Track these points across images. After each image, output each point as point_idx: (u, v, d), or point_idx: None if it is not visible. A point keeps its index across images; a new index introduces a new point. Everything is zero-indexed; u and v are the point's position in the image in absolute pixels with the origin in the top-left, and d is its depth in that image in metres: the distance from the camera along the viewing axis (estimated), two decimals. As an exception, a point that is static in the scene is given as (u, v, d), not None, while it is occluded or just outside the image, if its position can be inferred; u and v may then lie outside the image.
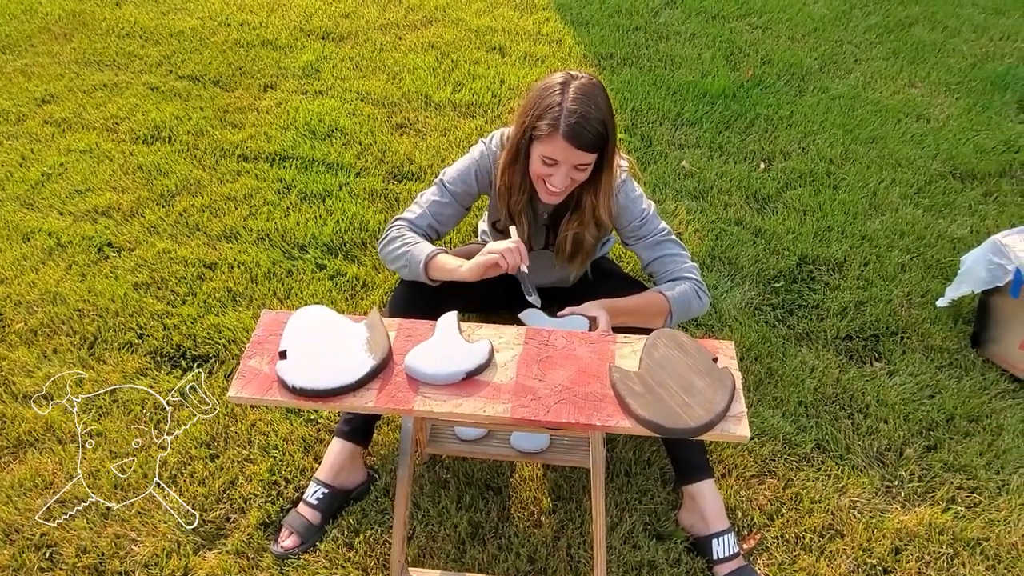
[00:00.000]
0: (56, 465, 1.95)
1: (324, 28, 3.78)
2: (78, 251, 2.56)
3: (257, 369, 1.41)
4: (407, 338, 1.49)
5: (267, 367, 1.41)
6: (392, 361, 1.43)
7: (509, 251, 1.64)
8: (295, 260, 2.52)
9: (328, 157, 2.95)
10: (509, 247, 1.64)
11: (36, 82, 3.41)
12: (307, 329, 1.45)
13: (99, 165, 2.94)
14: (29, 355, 2.22)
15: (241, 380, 1.39)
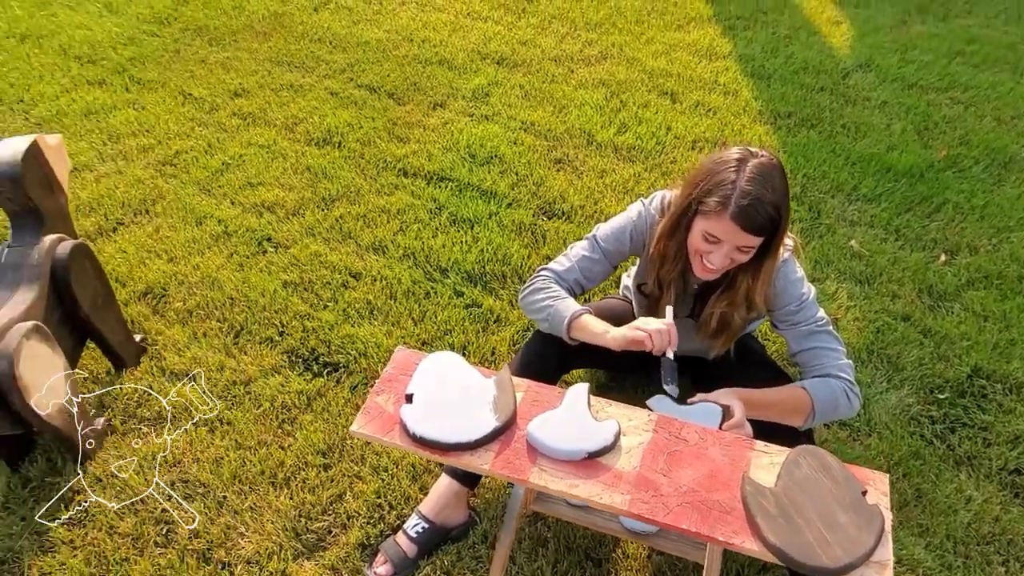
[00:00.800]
0: (186, 446, 2.06)
1: (500, 53, 3.85)
2: (241, 242, 2.72)
3: (382, 408, 1.41)
4: (534, 402, 1.44)
5: (392, 407, 1.41)
6: (515, 424, 1.39)
7: (659, 333, 1.55)
8: (435, 283, 2.55)
9: (483, 183, 2.98)
10: (660, 329, 1.56)
11: (233, 75, 3.68)
12: (437, 376, 1.44)
13: (273, 161, 3.12)
14: (182, 333, 2.37)
15: (366, 416, 1.40)
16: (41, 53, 3.84)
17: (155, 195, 2.95)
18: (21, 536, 1.87)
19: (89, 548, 1.85)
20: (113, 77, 3.66)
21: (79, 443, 1.97)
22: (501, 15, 4.22)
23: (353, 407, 2.16)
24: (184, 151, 3.17)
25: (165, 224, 2.81)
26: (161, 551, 1.85)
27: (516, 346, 2.35)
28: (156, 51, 3.86)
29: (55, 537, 1.86)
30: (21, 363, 1.75)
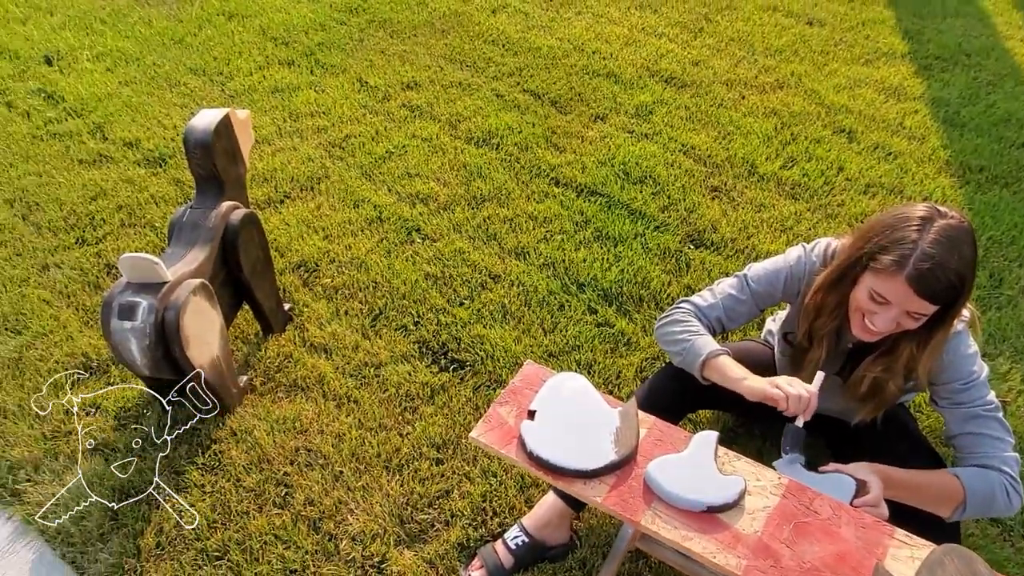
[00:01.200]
0: (314, 416, 2.16)
1: (670, 71, 3.76)
2: (392, 229, 2.83)
3: (503, 419, 1.40)
4: (657, 441, 1.38)
5: (513, 420, 1.40)
6: (634, 461, 1.34)
7: (799, 399, 1.45)
8: (571, 296, 2.53)
9: (633, 202, 2.92)
10: (799, 395, 1.45)
11: (407, 68, 3.84)
12: (562, 397, 1.41)
13: (432, 155, 3.22)
14: (326, 309, 2.49)
15: (486, 424, 1.40)
16: (243, 31, 4.18)
17: (321, 174, 3.13)
18: (162, 471, 2.03)
19: (216, 496, 1.98)
20: (301, 59, 3.92)
21: (226, 398, 2.12)
22: (677, 32, 4.14)
23: (472, 407, 2.18)
24: (353, 135, 3.34)
25: (326, 203, 2.97)
26: (278, 511, 1.95)
27: (643, 373, 2.28)
28: (342, 38, 4.09)
29: (189, 479, 2.01)
30: (186, 316, 1.90)
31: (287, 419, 2.15)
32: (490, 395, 2.21)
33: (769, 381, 1.50)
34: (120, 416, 2.18)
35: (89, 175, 3.13)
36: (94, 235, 2.82)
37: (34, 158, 3.24)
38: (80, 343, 2.37)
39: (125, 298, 1.87)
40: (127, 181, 3.09)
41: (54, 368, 2.30)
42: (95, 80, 3.77)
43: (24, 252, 2.75)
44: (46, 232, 2.84)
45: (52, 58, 4.00)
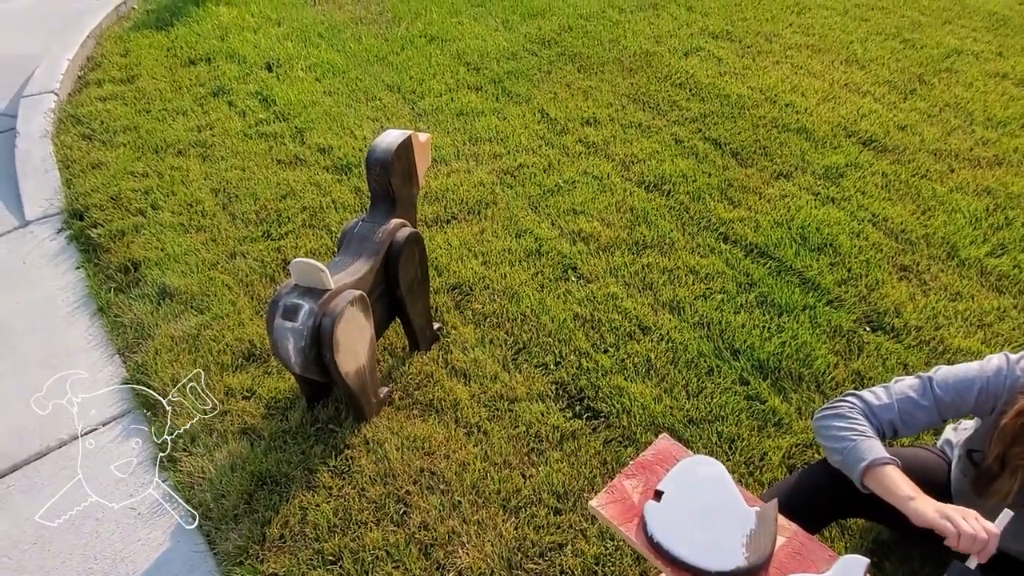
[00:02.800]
0: (443, 440, 2.17)
1: (870, 133, 3.48)
2: (548, 263, 2.81)
3: (628, 493, 1.32)
4: (796, 554, 1.24)
5: (638, 496, 1.32)
6: (766, 572, 1.20)
7: (972, 539, 1.25)
8: (722, 362, 2.38)
9: (807, 271, 2.71)
10: (976, 535, 1.25)
11: (589, 104, 3.84)
12: (695, 481, 1.31)
13: (600, 194, 3.19)
14: (472, 335, 2.52)
15: (609, 495, 1.32)
16: (440, 54, 4.39)
17: (490, 199, 3.19)
18: (297, 465, 2.13)
19: (340, 500, 2.04)
20: (489, 85, 4.05)
21: (367, 408, 2.19)
22: (884, 92, 3.83)
23: (600, 461, 2.10)
24: (526, 165, 3.38)
25: (490, 228, 3.02)
26: (394, 528, 1.98)
27: (791, 460, 2.09)
28: (531, 69, 4.18)
29: (319, 479, 2.09)
30: (341, 324, 1.99)
31: (418, 438, 2.18)
32: (620, 452, 2.11)
33: (940, 510, 1.31)
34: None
35: (284, 175, 3.40)
36: (278, 231, 3.05)
37: (241, 154, 3.57)
38: (249, 329, 2.56)
39: (291, 299, 1.98)
40: (315, 184, 3.32)
41: (223, 349, 2.49)
42: (304, 88, 4.11)
43: (219, 239, 3.02)
44: (239, 223, 3.11)
45: (272, 65, 4.42)
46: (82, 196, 3.29)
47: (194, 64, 4.45)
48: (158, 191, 3.32)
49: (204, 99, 4.08)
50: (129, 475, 2.11)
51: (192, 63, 4.46)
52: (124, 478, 2.05)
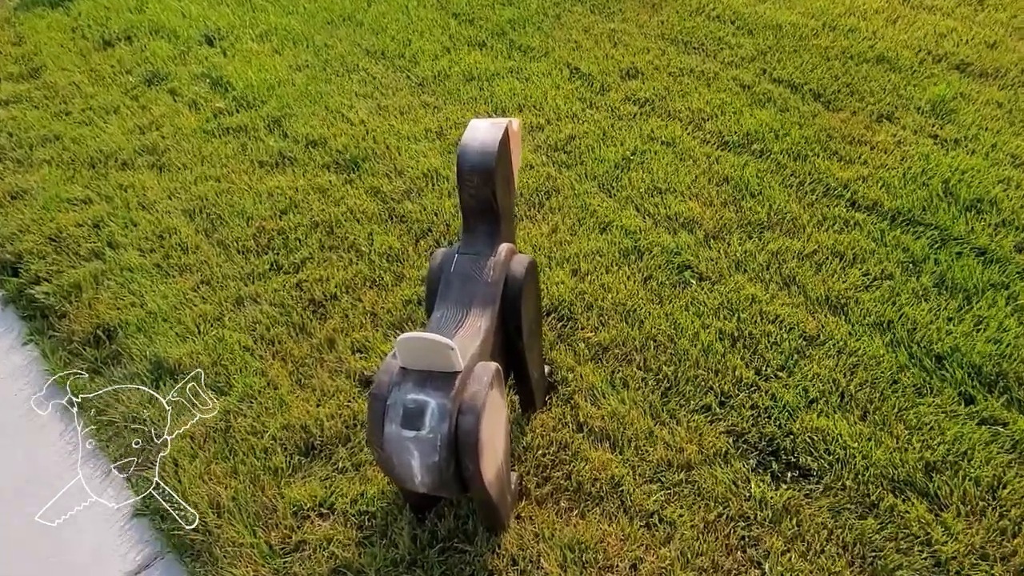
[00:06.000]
0: (619, 543, 1.59)
1: (960, 56, 2.99)
2: (655, 264, 2.22)
3: None
4: None
5: None
6: None
7: None
8: (928, 374, 1.87)
9: (974, 238, 2.21)
10: None
11: (621, 51, 3.20)
12: None
13: (681, 163, 2.59)
14: (596, 376, 1.92)
15: None
16: (419, 7, 3.63)
17: (548, 186, 2.54)
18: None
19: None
20: (493, 40, 3.34)
21: (504, 512, 1.58)
22: (952, 6, 3.33)
23: (837, 544, 1.56)
24: (577, 136, 2.74)
25: (562, 224, 2.39)
26: None
27: (1066, 500, 1.61)
28: (535, 15, 3.48)
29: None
30: (484, 416, 1.36)
31: (583, 544, 1.58)
32: (857, 525, 1.58)
33: None
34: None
35: (273, 181, 2.65)
36: (291, 259, 2.33)
37: (209, 159, 2.79)
38: (297, 412, 1.88)
39: (408, 396, 1.33)
40: (318, 190, 2.60)
41: (270, 446, 1.81)
42: (263, 64, 3.30)
43: (214, 280, 2.28)
44: (235, 254, 2.37)
45: (213, 37, 3.56)
46: (8, 241, 2.47)
47: (111, 46, 3.56)
48: (112, 222, 2.52)
49: (137, 90, 3.23)
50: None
51: (108, 44, 3.56)
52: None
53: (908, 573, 1.50)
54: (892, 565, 1.51)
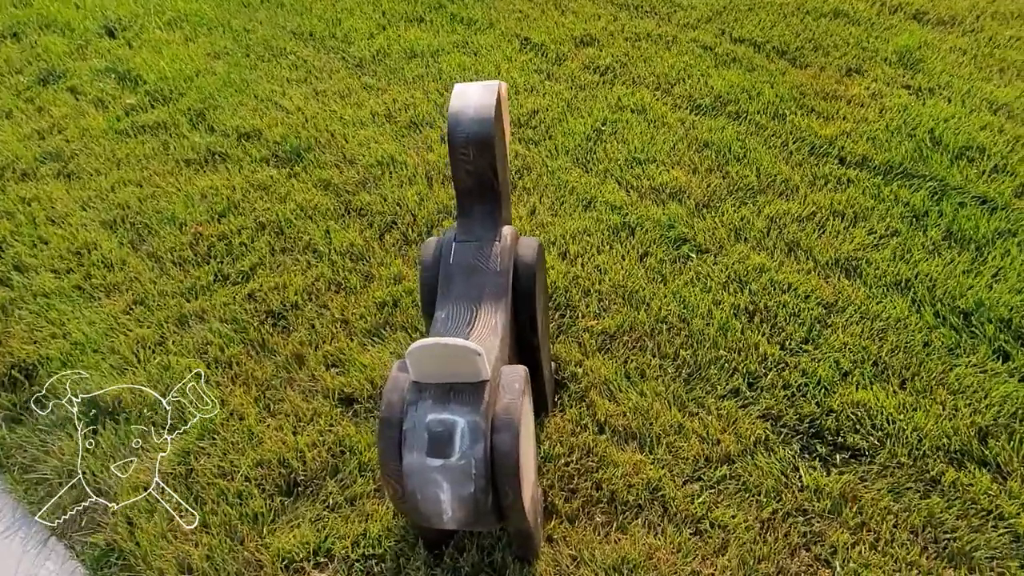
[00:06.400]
0: (670, 556, 1.39)
1: (915, 6, 2.92)
2: (650, 239, 2.03)
3: None
4: None
5: None
6: None
7: None
8: (957, 332, 1.75)
9: (971, 185, 2.12)
10: None
11: (572, 19, 3.00)
12: None
13: (656, 131, 2.41)
14: (608, 367, 1.71)
15: None
16: (345, -17, 3.33)
17: (520, 164, 2.32)
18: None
19: None
20: (431, 14, 3.08)
21: (538, 537, 1.35)
22: (896, -42, 3.28)
23: (907, 529, 1.41)
24: (540, 110, 2.53)
25: (541, 204, 2.18)
26: None
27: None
28: (472, -14, 3.24)
29: None
30: (522, 431, 1.13)
31: (630, 563, 1.38)
32: (922, 505, 1.44)
33: None
34: (371, 572, 1.40)
35: (205, 181, 2.33)
36: (237, 268, 2.03)
37: (126, 161, 2.43)
38: (271, 445, 1.60)
39: (432, 416, 1.09)
40: (259, 187, 2.29)
41: (244, 489, 1.53)
42: (176, 54, 2.94)
43: (149, 298, 1.96)
44: (171, 267, 2.05)
45: (114, 28, 3.16)
46: None
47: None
48: (16, 241, 2.15)
49: (31, 90, 2.82)
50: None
51: (-11, 43, 3.12)
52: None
53: (987, 552, 1.37)
54: (968, 546, 1.37)
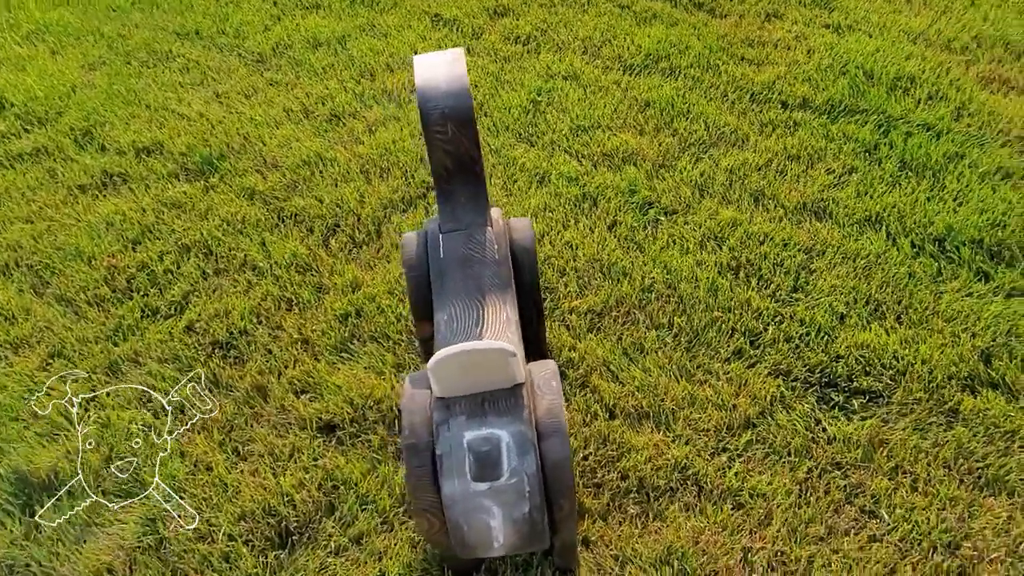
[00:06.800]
0: (716, 536, 1.30)
1: (815, -52, 2.95)
2: (616, 208, 1.93)
3: None
4: None
5: None
6: None
7: None
8: (934, 259, 1.74)
9: (911, 114, 2.14)
10: None
11: (478, -9, 2.86)
12: None
13: (594, 97, 2.31)
14: (604, 348, 1.60)
15: None
16: (225, -25, 3.05)
17: (458, 147, 2.17)
18: None
19: None
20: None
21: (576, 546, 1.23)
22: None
23: (941, 467, 1.38)
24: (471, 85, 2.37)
25: (493, 185, 2.03)
26: None
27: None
28: (366, -34, 3.03)
29: None
30: (565, 437, 1.00)
31: (678, 552, 1.28)
32: (949, 437, 1.41)
33: None
34: None
35: (108, 206, 2.05)
36: (167, 299, 1.79)
37: (8, 196, 2.11)
38: (250, 494, 1.40)
39: (471, 434, 0.94)
40: (174, 206, 2.04)
41: (230, 550, 1.32)
42: (44, 69, 2.60)
43: (68, 349, 1.69)
44: (85, 308, 1.78)
45: (-40, 49, 2.76)
46: None
47: None
48: None
49: None
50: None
51: None
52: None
53: (1020, 475, 1.35)
54: (1003, 472, 1.36)
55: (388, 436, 1.46)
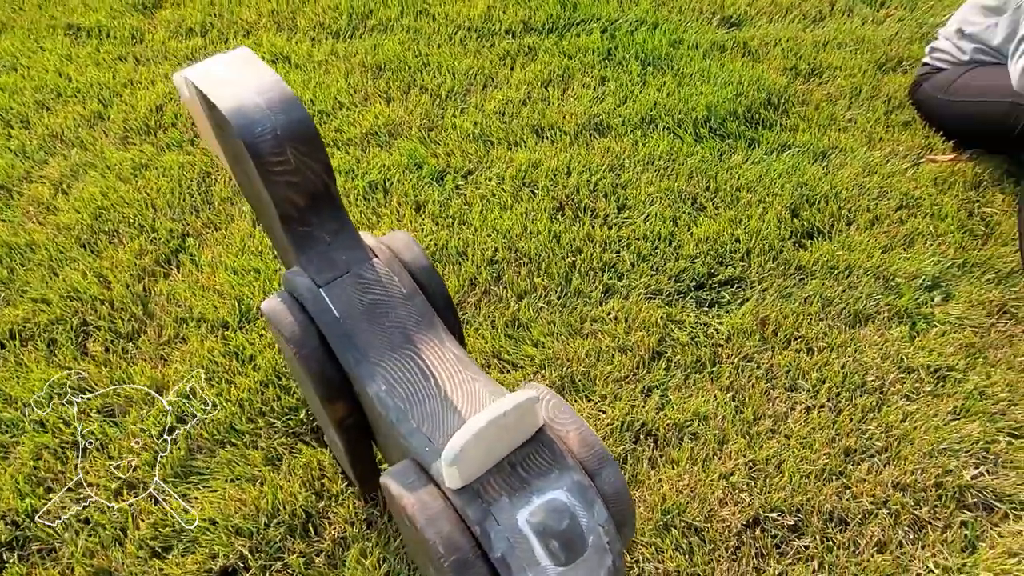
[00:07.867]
0: (693, 484, 1.27)
1: None
2: (411, 186, 1.73)
3: None
4: None
5: None
6: None
7: None
8: (718, 139, 1.86)
9: (623, 14, 2.22)
10: None
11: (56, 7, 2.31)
12: None
13: (316, 75, 2.03)
14: (481, 336, 1.45)
15: None
16: None
17: (191, 176, 1.77)
18: None
19: None
20: None
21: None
22: None
23: (811, 317, 1.49)
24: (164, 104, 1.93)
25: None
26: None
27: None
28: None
29: None
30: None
31: (673, 512, 1.23)
32: (809, 292, 1.53)
33: None
34: None
35: None
36: None
37: None
38: None
39: (537, 513, 0.76)
40: None
41: None
42: None
43: None
44: None
45: None
46: None
47: None
48: None
49: None
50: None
51: None
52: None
53: (870, 303, 1.53)
54: (859, 305, 1.51)
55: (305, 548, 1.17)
